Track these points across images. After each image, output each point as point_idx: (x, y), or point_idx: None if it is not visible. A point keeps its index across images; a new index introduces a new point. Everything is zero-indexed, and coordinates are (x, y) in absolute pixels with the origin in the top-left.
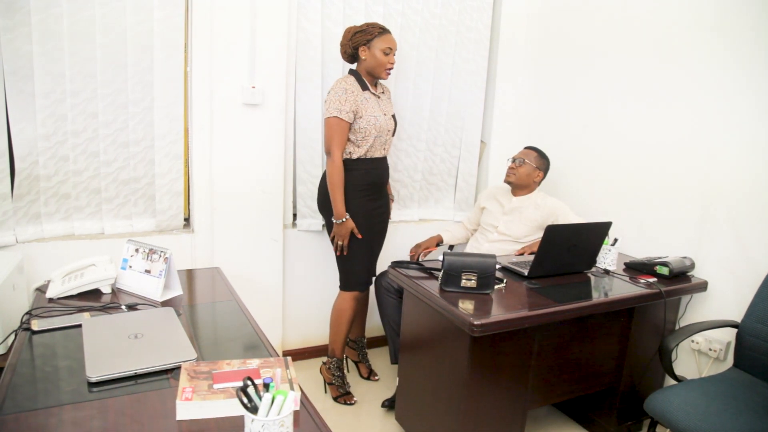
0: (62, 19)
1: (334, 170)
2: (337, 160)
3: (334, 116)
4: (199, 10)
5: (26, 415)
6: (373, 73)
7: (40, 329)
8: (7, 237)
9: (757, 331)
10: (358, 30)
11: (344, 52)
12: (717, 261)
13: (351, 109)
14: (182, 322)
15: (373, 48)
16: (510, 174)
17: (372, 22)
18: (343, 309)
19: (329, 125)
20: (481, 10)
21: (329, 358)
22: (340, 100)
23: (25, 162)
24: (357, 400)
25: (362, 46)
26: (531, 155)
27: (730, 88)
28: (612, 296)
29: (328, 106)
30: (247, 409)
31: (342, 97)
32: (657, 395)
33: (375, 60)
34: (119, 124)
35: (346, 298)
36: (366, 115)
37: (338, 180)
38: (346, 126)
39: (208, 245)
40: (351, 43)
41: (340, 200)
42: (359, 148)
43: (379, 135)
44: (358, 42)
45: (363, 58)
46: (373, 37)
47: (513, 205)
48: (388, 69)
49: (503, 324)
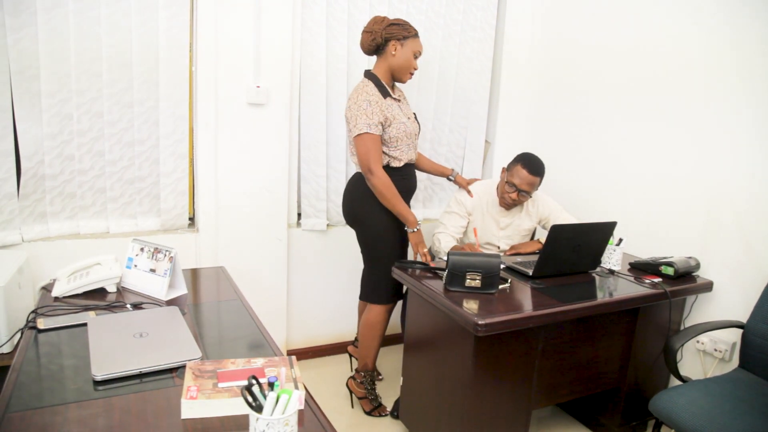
0: (68, 19)
1: (382, 185)
2: (381, 174)
3: (366, 132)
4: (204, 9)
5: (32, 413)
6: (398, 73)
7: (45, 328)
8: (13, 236)
9: (762, 331)
10: (395, 22)
11: (372, 40)
12: (722, 261)
13: (379, 121)
14: (187, 321)
15: (406, 46)
16: (511, 203)
17: (407, 21)
18: (376, 322)
19: (362, 142)
20: (485, 10)
21: (360, 372)
22: (366, 113)
23: (31, 161)
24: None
25: (396, 41)
26: (535, 183)
27: (735, 90)
28: (617, 296)
29: (355, 122)
30: (252, 408)
31: (368, 110)
32: (662, 396)
33: (404, 59)
34: (124, 124)
35: (379, 311)
36: (394, 123)
37: (391, 192)
38: (378, 139)
39: (212, 244)
40: (385, 32)
41: (405, 209)
42: (392, 157)
43: (408, 140)
44: (394, 35)
45: (392, 54)
46: (410, 36)
47: (507, 221)
48: (412, 73)
49: (508, 324)
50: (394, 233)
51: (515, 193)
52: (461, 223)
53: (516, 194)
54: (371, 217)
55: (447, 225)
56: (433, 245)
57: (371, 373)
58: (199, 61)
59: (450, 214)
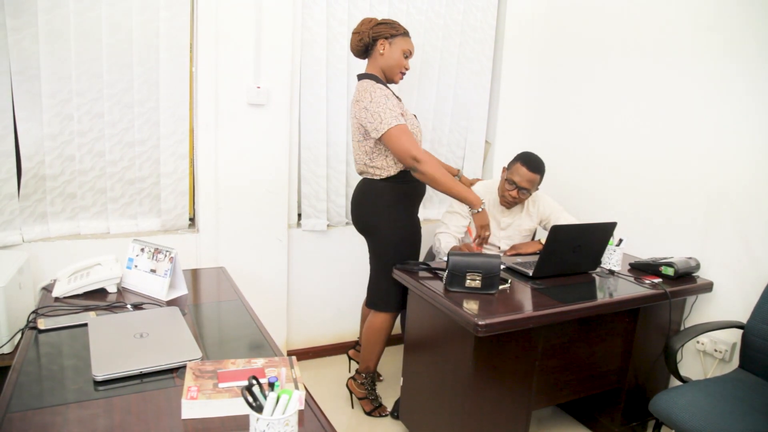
0: (69, 20)
1: (433, 170)
2: (428, 158)
3: (396, 125)
4: (205, 10)
5: (33, 414)
6: (388, 73)
7: (46, 328)
8: (14, 236)
9: (762, 332)
10: (383, 22)
11: (359, 41)
12: (722, 262)
13: (400, 112)
14: (187, 321)
15: (394, 45)
16: (511, 201)
17: (396, 21)
18: (382, 329)
19: (395, 136)
20: (485, 10)
21: (361, 374)
22: (389, 107)
23: (32, 162)
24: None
25: (383, 39)
26: (536, 180)
27: (736, 89)
28: (617, 297)
29: (380, 119)
30: (252, 408)
31: (388, 104)
32: (662, 396)
33: (393, 59)
34: (125, 124)
35: (385, 318)
36: (406, 118)
37: (442, 173)
38: (407, 127)
39: (212, 245)
40: (372, 32)
41: (464, 189)
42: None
43: (417, 137)
44: (381, 33)
45: (381, 53)
46: (398, 34)
47: (508, 221)
48: (403, 72)
49: (508, 324)
50: (406, 243)
51: (515, 191)
52: (463, 223)
53: (516, 192)
54: (384, 228)
55: (449, 225)
56: (433, 245)
57: (372, 375)
58: (199, 61)
59: (452, 213)
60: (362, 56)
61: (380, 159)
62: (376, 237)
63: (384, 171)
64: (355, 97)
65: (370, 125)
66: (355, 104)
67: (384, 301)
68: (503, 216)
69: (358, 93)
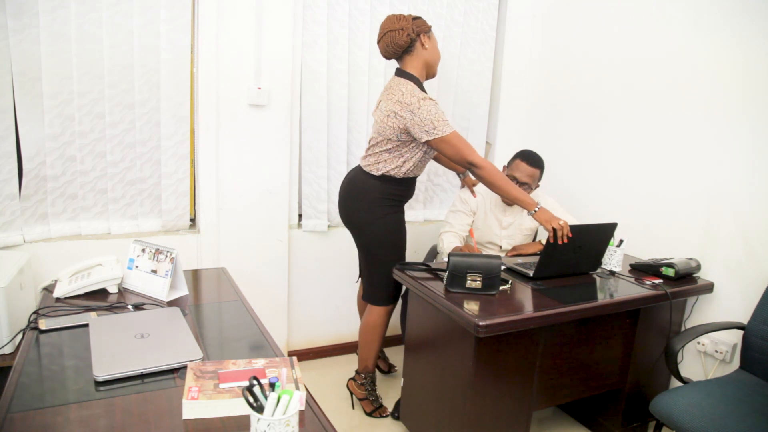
0: (70, 21)
1: (492, 175)
2: (486, 164)
3: (451, 132)
4: (206, 11)
5: (34, 414)
6: (434, 66)
7: (47, 328)
8: (15, 237)
9: (763, 332)
10: (416, 17)
11: (406, 36)
12: (723, 262)
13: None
14: (188, 321)
15: (432, 38)
16: None
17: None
18: (377, 325)
19: (451, 142)
20: (486, 12)
21: (360, 374)
22: (439, 113)
23: (33, 162)
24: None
25: (424, 34)
26: (536, 175)
27: (735, 91)
28: (617, 297)
29: (433, 126)
30: (253, 409)
31: (439, 110)
32: (662, 397)
33: (436, 51)
34: (126, 125)
35: (380, 313)
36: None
37: (504, 180)
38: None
39: (213, 245)
40: (415, 26)
41: (522, 193)
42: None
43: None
44: (422, 27)
45: (425, 47)
46: (431, 28)
47: (509, 220)
48: None
49: (508, 325)
50: (392, 236)
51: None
52: (467, 221)
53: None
54: (369, 221)
55: (453, 224)
56: (437, 245)
57: (372, 375)
58: (200, 62)
59: (456, 212)
60: (397, 56)
61: (392, 158)
62: (362, 232)
63: (383, 169)
64: (397, 97)
65: (419, 128)
66: (396, 103)
67: (375, 295)
68: (505, 215)
69: (402, 95)
